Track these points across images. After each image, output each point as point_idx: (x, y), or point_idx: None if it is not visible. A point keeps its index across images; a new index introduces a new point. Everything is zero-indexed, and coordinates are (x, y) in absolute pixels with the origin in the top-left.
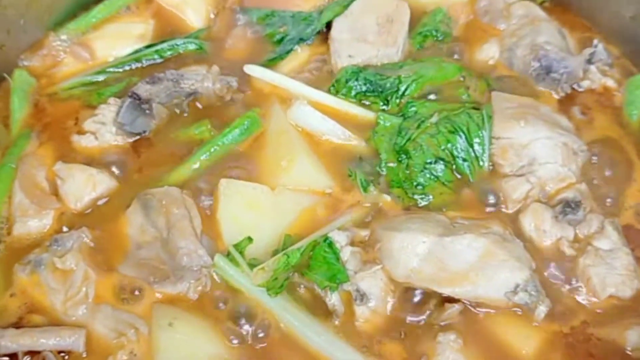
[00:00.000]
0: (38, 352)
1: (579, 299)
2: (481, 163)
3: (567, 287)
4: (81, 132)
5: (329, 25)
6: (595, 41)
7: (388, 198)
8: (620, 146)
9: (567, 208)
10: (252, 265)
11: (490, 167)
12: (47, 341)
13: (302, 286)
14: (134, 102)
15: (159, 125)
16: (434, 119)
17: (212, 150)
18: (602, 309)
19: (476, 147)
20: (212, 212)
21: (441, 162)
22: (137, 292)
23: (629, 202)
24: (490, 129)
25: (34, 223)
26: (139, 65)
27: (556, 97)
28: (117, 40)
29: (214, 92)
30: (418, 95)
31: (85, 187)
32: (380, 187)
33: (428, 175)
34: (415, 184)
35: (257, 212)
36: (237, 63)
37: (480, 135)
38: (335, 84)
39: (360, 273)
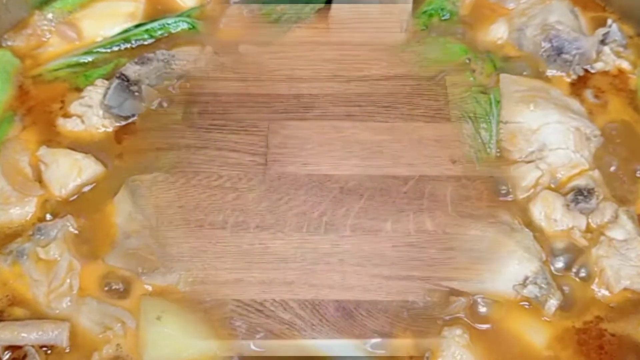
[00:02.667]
0: (20, 347)
1: (592, 292)
2: (488, 150)
3: (579, 279)
4: (67, 116)
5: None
6: (609, 21)
7: None
8: (635, 131)
9: (579, 196)
10: None
11: (498, 153)
12: (28, 335)
13: None
14: (122, 84)
15: (149, 108)
16: None
17: None
18: (616, 302)
19: (483, 133)
20: None
21: None
22: (124, 284)
23: None
24: (498, 114)
25: (16, 211)
26: (128, 45)
27: (568, 79)
28: (105, 19)
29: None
30: None
31: (70, 173)
32: None
33: None
34: None
35: None
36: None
37: (488, 120)
38: None
39: None
